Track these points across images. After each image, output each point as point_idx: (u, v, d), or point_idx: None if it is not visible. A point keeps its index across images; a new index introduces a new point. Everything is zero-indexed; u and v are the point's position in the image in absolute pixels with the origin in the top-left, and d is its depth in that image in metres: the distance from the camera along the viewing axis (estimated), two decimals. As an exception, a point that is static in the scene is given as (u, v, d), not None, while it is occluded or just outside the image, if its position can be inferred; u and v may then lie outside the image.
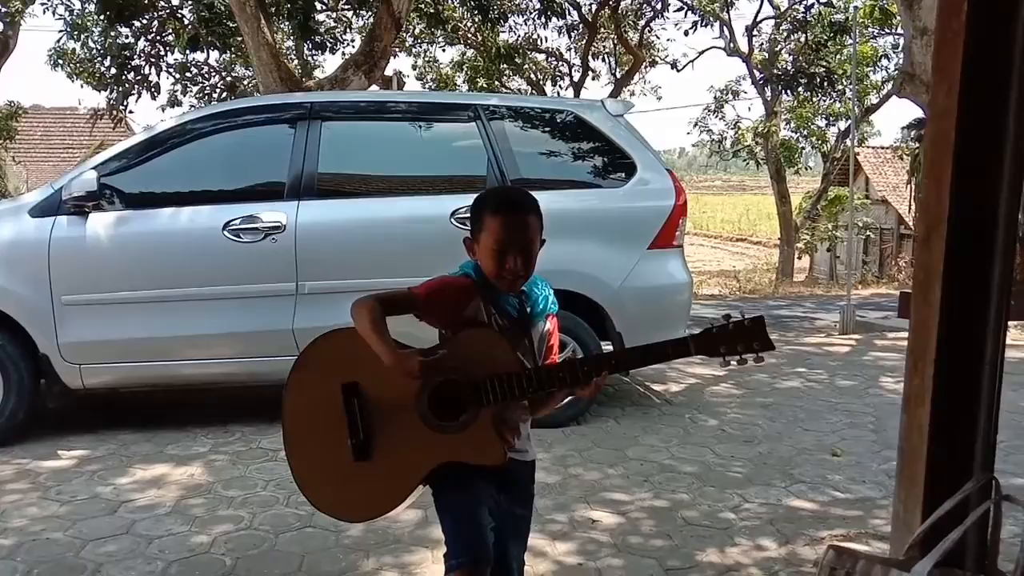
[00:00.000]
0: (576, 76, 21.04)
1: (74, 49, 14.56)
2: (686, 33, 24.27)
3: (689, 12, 16.12)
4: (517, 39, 19.09)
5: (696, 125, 24.95)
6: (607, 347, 4.79)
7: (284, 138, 4.39)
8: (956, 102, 1.67)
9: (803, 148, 24.69)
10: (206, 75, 15.60)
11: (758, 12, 20.61)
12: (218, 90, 15.71)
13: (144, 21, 12.43)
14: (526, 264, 1.84)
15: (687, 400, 5.05)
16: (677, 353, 1.80)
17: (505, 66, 19.29)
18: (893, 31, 18.56)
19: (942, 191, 1.71)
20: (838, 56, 18.62)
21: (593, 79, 21.71)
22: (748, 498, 3.39)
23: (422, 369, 1.75)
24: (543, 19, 16.11)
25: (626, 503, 3.33)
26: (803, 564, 2.78)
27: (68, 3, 13.34)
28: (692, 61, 21.62)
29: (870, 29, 18.79)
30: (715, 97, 24.39)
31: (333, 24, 15.13)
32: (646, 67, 21.23)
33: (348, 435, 1.82)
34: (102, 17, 11.43)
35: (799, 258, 24.45)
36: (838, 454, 3.97)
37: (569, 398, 4.22)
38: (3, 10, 12.88)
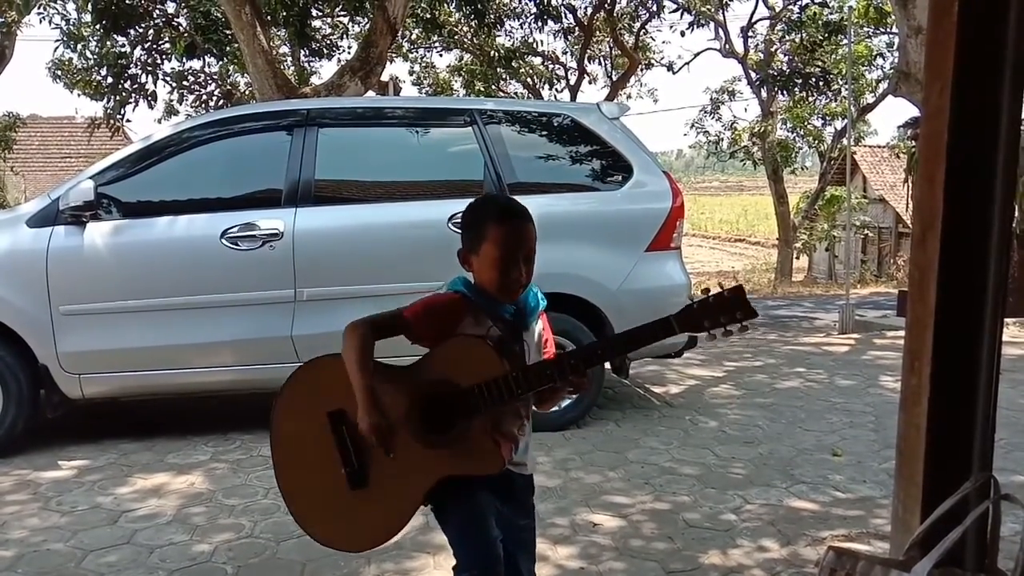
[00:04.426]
0: (572, 79, 21.10)
1: (71, 59, 14.57)
2: (682, 34, 24.36)
3: (685, 13, 16.14)
4: (513, 43, 19.13)
5: (693, 126, 25.04)
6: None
7: (281, 145, 4.39)
8: (949, 102, 1.67)
9: (800, 148, 24.73)
10: (203, 83, 15.60)
11: (753, 13, 20.68)
12: (215, 98, 15.71)
13: (140, 30, 12.43)
14: (528, 273, 1.84)
15: (687, 402, 5.05)
16: (662, 333, 1.75)
17: (502, 70, 19.32)
18: (888, 30, 18.60)
19: (936, 190, 1.71)
20: (833, 56, 18.65)
21: (589, 82, 21.88)
22: (749, 499, 3.39)
23: (381, 440, 1.74)
24: (539, 23, 16.14)
25: (627, 506, 3.32)
26: (805, 564, 2.78)
27: (64, 13, 13.37)
28: (688, 63, 21.70)
29: (865, 28, 18.84)
30: (711, 98, 24.47)
31: (329, 30, 15.15)
32: (642, 69, 21.27)
33: (342, 465, 1.79)
34: (98, 26, 11.43)
35: (797, 258, 24.46)
36: (838, 454, 3.97)
37: (569, 399, 4.22)
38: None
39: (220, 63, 14.77)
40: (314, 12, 12.60)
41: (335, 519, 1.83)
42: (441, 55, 20.74)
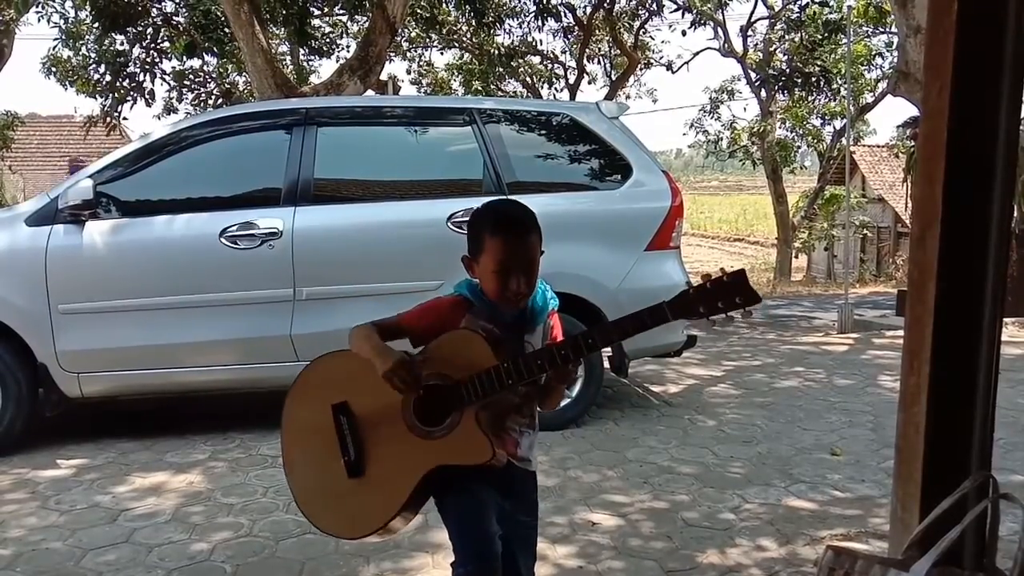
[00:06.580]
0: (572, 79, 21.09)
1: (69, 57, 14.56)
2: (683, 34, 24.32)
3: (684, 12, 16.15)
4: (512, 42, 19.12)
5: (692, 126, 25.06)
6: (606, 351, 4.79)
7: (280, 144, 4.39)
8: (948, 101, 1.67)
9: (799, 147, 24.74)
10: (202, 82, 15.61)
11: (752, 12, 20.70)
12: (213, 96, 15.70)
13: (139, 28, 12.43)
14: (529, 283, 1.81)
15: (686, 401, 5.05)
16: (654, 321, 1.70)
17: (501, 69, 19.30)
18: (887, 30, 18.61)
19: (935, 190, 1.71)
20: (833, 55, 18.66)
21: (589, 82, 21.85)
22: (748, 498, 3.39)
23: (412, 374, 1.76)
24: (538, 22, 16.15)
25: (626, 505, 3.33)
26: (804, 564, 2.78)
27: (63, 11, 13.36)
28: (687, 62, 21.72)
29: (864, 28, 18.84)
30: (710, 98, 24.49)
31: (328, 29, 15.15)
32: (641, 69, 21.27)
33: (341, 455, 1.83)
34: (97, 25, 11.42)
35: (796, 257, 24.49)
36: (837, 453, 3.97)
37: (569, 398, 4.22)
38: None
39: (219, 62, 14.78)
40: (313, 11, 12.59)
41: (335, 507, 1.88)
42: (441, 54, 20.77)
